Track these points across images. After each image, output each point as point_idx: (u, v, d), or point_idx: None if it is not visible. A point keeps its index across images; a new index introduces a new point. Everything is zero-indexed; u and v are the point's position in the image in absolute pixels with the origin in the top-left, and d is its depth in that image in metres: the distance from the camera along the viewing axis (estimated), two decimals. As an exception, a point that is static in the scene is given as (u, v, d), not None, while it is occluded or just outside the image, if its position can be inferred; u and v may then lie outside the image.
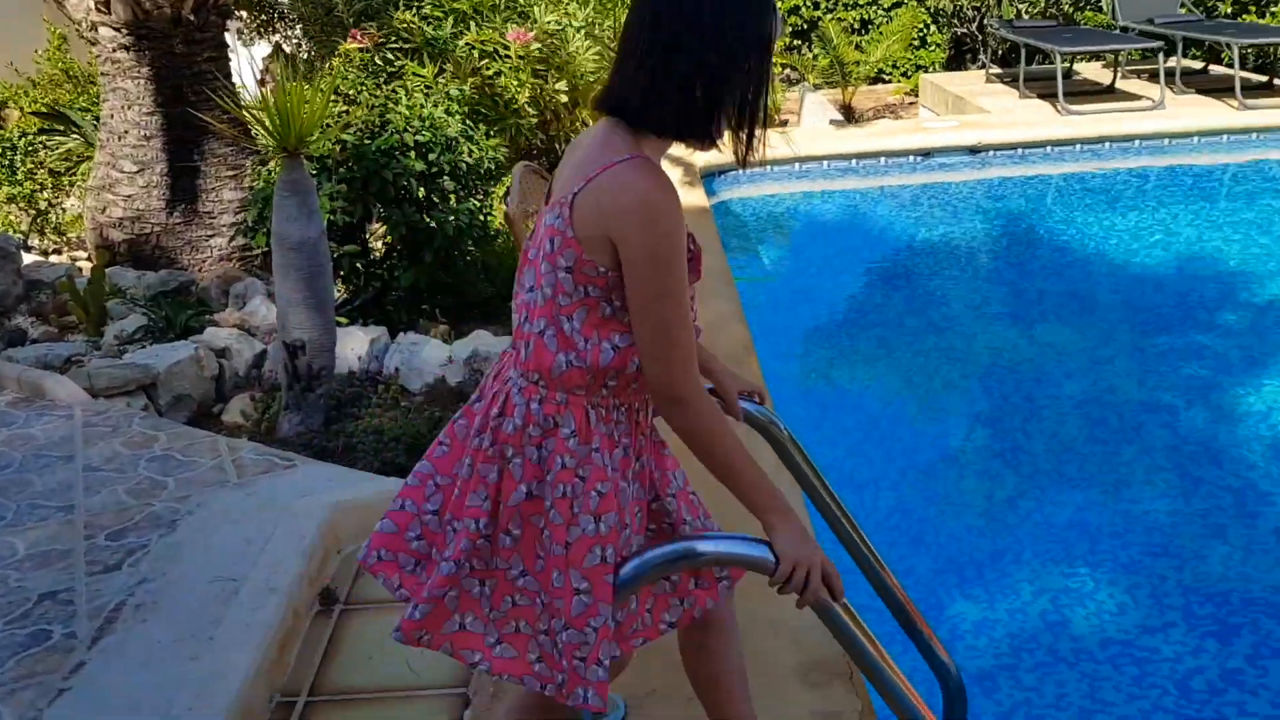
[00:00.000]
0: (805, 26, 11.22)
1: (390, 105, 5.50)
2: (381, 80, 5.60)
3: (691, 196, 6.83)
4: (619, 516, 1.72)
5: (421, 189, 5.38)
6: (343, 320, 5.46)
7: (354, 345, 4.89)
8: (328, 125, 5.13)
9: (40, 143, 7.41)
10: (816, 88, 10.00)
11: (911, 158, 7.91)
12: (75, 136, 7.48)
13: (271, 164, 5.61)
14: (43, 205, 7.11)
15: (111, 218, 6.33)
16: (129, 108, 6.21)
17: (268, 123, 4.18)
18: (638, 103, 1.64)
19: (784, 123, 8.82)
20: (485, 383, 1.83)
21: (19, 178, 7.21)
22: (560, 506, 1.69)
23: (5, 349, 5.02)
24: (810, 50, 10.99)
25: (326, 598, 3.01)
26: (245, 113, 5.41)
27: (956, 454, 4.85)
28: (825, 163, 7.76)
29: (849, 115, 9.38)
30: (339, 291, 5.96)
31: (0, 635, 2.73)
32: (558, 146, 7.88)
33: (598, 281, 1.63)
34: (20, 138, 7.39)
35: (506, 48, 6.92)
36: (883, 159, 7.86)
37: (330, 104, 5.35)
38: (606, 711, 1.79)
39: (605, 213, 1.58)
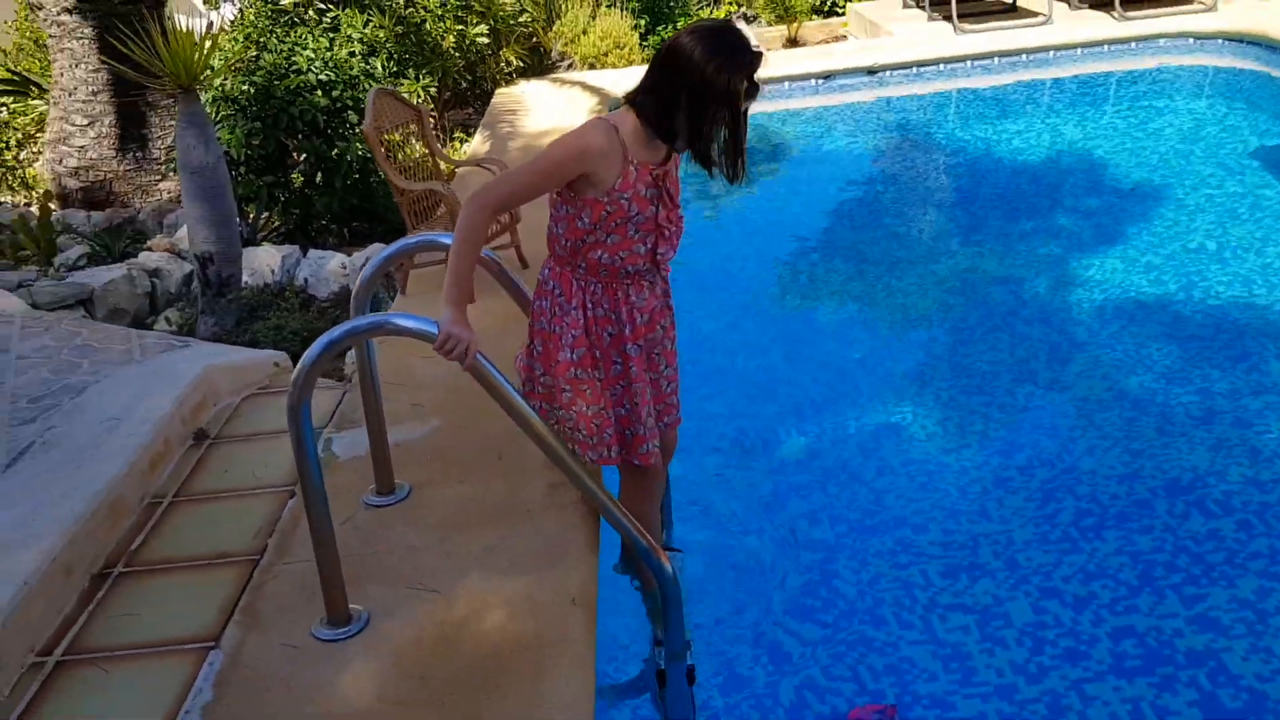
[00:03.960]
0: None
1: (299, 49, 6.04)
2: (288, 28, 6.13)
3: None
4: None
5: (332, 125, 5.94)
6: (264, 242, 6.05)
7: (268, 260, 5.48)
8: (237, 67, 5.69)
9: (3, 105, 7.97)
10: (750, 20, 10.52)
11: (813, 81, 8.37)
12: (44, 100, 8.02)
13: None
14: (10, 162, 7.66)
15: (68, 167, 6.92)
16: (76, 66, 6.76)
17: (165, 64, 4.75)
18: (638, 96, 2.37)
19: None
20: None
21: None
22: None
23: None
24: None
25: (200, 436, 3.60)
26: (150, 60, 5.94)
27: (824, 326, 5.39)
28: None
29: (795, 46, 9.96)
30: (273, 220, 6.54)
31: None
32: (486, 87, 8.39)
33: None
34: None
35: (431, -5, 7.43)
36: (786, 83, 8.32)
37: (243, 50, 5.92)
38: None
39: None
